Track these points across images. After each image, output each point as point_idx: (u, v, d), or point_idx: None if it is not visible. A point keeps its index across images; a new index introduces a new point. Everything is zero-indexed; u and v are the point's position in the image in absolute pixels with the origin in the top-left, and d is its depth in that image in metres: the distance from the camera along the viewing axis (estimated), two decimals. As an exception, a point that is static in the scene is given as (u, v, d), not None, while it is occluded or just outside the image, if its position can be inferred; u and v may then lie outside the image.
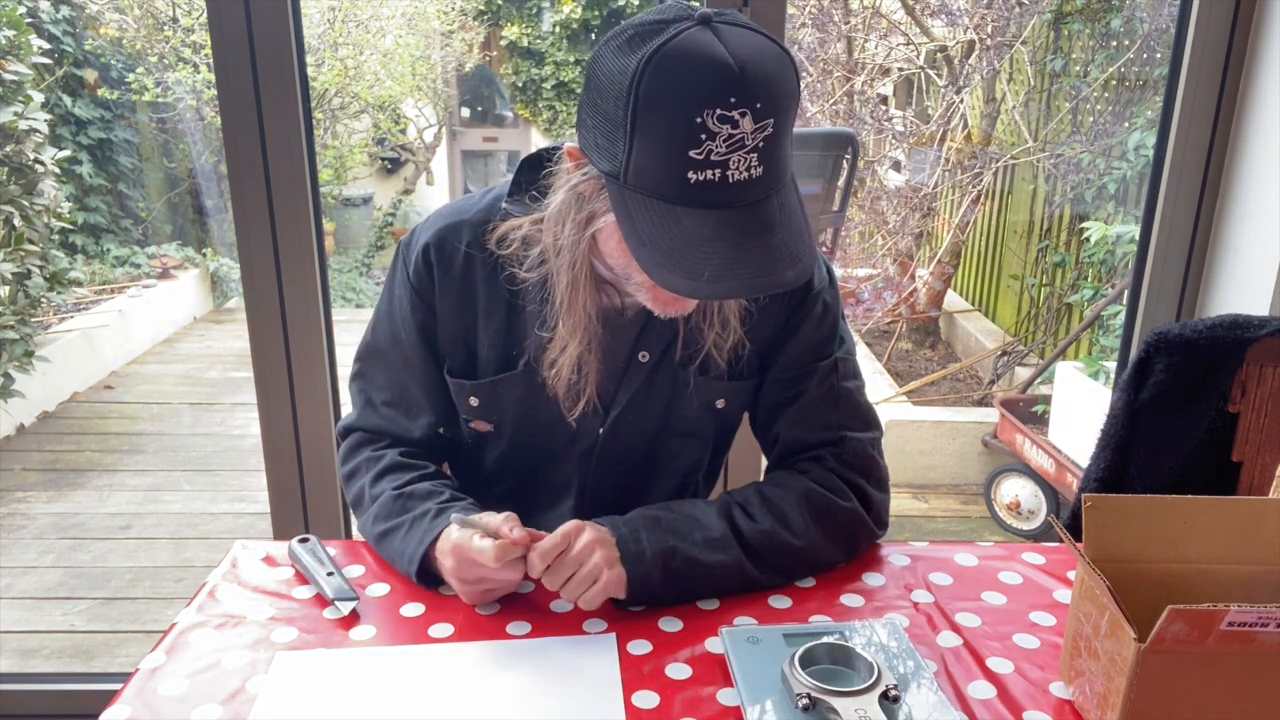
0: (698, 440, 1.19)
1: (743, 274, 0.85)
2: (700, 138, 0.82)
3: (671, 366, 1.11)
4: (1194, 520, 0.88)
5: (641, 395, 1.12)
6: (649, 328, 1.09)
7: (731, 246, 0.85)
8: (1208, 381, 1.33)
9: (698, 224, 0.85)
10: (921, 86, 4.67)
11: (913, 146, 4.52)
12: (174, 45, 5.39)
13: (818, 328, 1.12)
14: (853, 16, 4.46)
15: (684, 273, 0.85)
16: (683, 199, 0.85)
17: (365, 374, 1.18)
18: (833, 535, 1.08)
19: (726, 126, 0.82)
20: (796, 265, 0.87)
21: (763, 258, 0.86)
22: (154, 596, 2.85)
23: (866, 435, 1.14)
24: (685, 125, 0.82)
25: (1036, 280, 4.40)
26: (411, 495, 1.09)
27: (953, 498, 3.54)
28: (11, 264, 3.51)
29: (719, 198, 0.85)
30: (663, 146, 0.84)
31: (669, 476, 1.21)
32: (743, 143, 0.83)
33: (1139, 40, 3.81)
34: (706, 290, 0.86)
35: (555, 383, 1.07)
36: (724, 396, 1.15)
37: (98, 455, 3.82)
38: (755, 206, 0.87)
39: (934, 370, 4.41)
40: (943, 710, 0.85)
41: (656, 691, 0.88)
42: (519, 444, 1.17)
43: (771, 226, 0.87)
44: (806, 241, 0.90)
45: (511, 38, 7.22)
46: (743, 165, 0.84)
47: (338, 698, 0.88)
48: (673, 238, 0.86)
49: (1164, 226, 1.79)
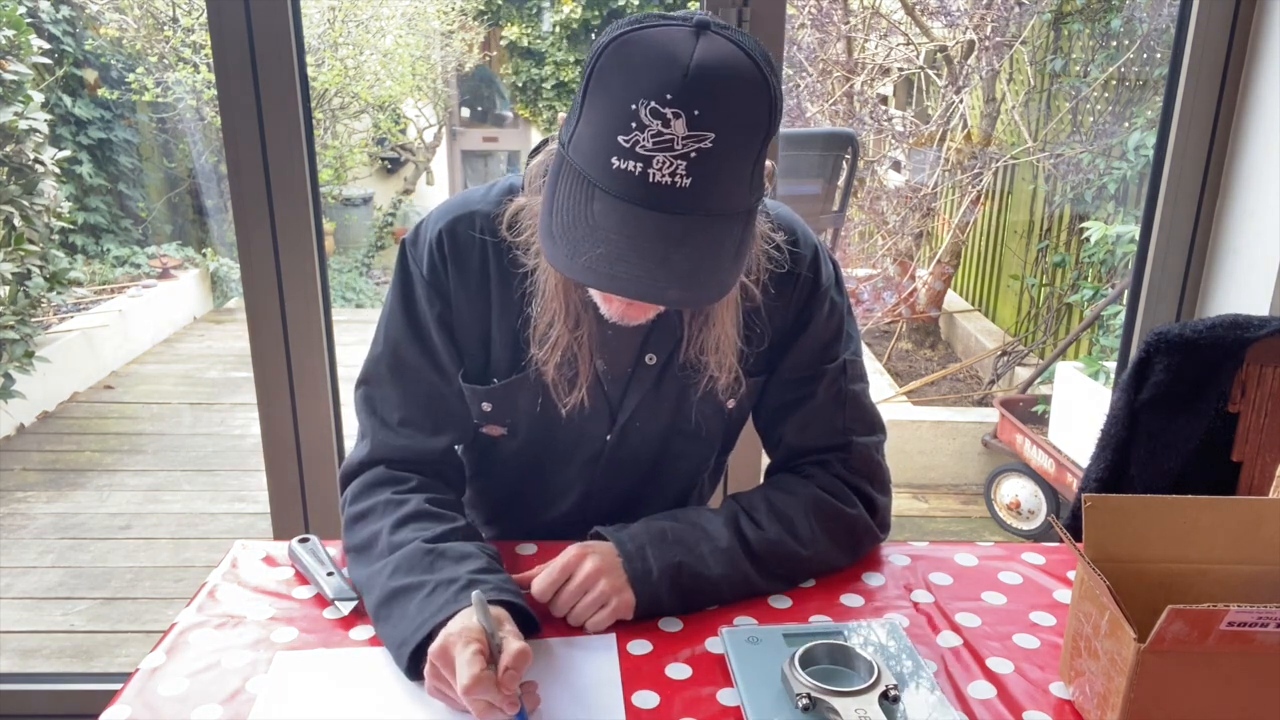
0: (705, 442, 1.18)
1: (623, 273, 0.82)
2: (630, 125, 0.81)
3: (679, 369, 1.09)
4: (1194, 520, 0.88)
5: (650, 399, 1.10)
6: (655, 329, 1.06)
7: (626, 242, 0.82)
8: (1208, 381, 1.33)
9: (605, 210, 0.83)
10: (921, 87, 4.67)
11: (913, 146, 4.52)
12: (174, 45, 5.39)
13: (825, 327, 1.10)
14: (852, 16, 4.46)
15: (568, 250, 0.84)
16: (600, 182, 0.83)
17: (374, 395, 1.09)
18: (839, 541, 1.08)
19: (657, 122, 0.80)
20: (690, 290, 0.84)
21: (654, 267, 0.82)
22: (154, 596, 2.85)
23: (872, 439, 1.13)
24: (621, 109, 0.81)
25: (1036, 280, 4.40)
26: (444, 555, 0.96)
27: (953, 498, 3.54)
28: (11, 264, 3.51)
29: (635, 193, 0.82)
30: (599, 125, 0.83)
31: (675, 478, 1.20)
32: (671, 145, 0.80)
33: (1139, 40, 3.81)
34: (579, 272, 0.84)
35: (544, 370, 1.03)
36: (733, 397, 1.13)
37: (98, 455, 3.82)
38: (672, 217, 0.82)
39: (934, 370, 4.41)
40: (943, 710, 0.85)
41: (656, 691, 0.88)
42: (530, 448, 1.15)
43: (680, 242, 0.83)
44: (719, 276, 0.85)
45: (511, 38, 7.22)
46: (666, 169, 0.81)
47: (338, 698, 0.88)
48: (577, 214, 0.84)
49: (1164, 226, 1.79)
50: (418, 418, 1.08)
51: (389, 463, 1.07)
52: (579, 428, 1.11)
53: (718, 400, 1.11)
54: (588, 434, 1.12)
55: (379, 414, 1.09)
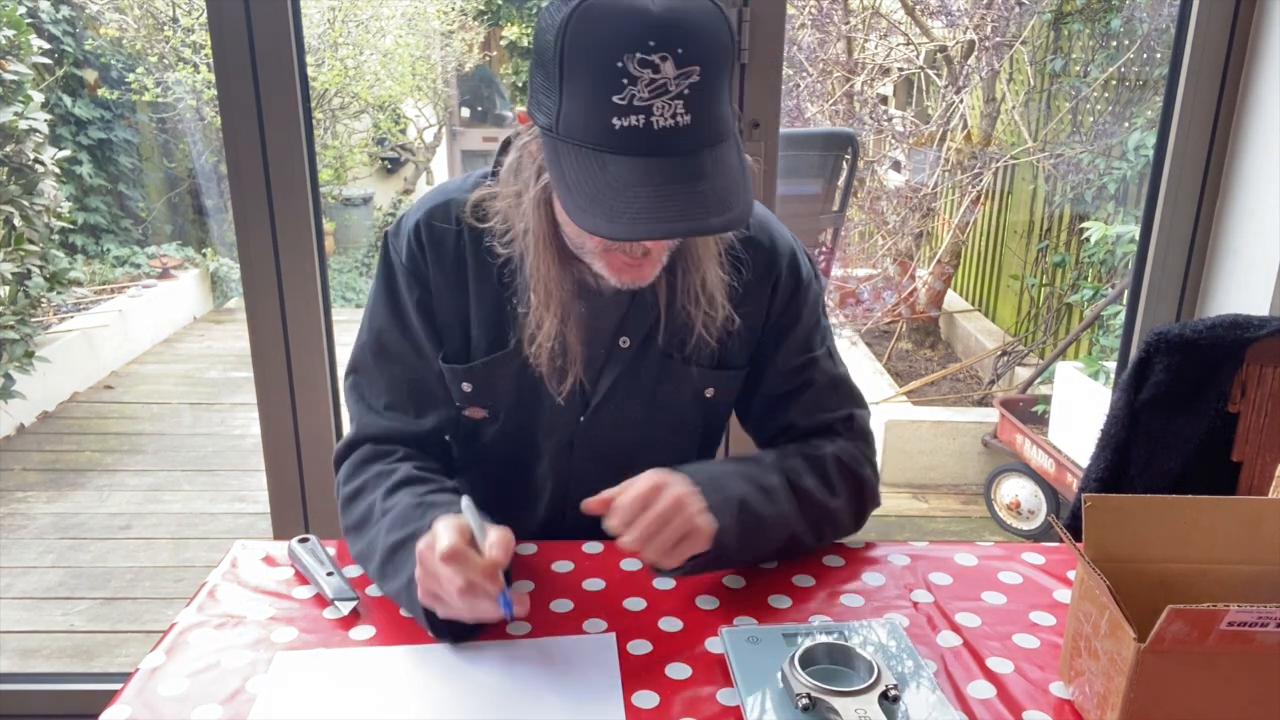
0: (684, 433, 1.18)
1: (665, 217, 0.85)
2: (622, 82, 0.83)
3: (656, 353, 1.11)
4: (1194, 520, 0.88)
5: (624, 383, 1.12)
6: (631, 313, 1.09)
7: (655, 191, 0.85)
8: (1208, 381, 1.33)
9: (623, 170, 0.86)
10: (921, 87, 4.67)
11: (913, 146, 4.52)
12: (174, 45, 5.39)
13: (810, 318, 1.16)
14: (853, 16, 4.46)
15: (605, 215, 0.86)
16: (609, 145, 0.86)
17: (361, 382, 1.13)
18: (853, 501, 1.12)
19: (648, 71, 0.83)
20: (727, 214, 0.87)
21: (688, 203, 0.86)
22: (154, 596, 2.86)
23: (865, 412, 1.19)
24: (607, 70, 0.83)
25: (1036, 280, 4.41)
26: (434, 505, 1.00)
27: (953, 498, 3.54)
28: (11, 264, 3.51)
29: (644, 144, 0.85)
30: (588, 93, 0.85)
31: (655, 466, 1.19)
32: (665, 88, 0.84)
33: (1139, 40, 3.81)
34: (626, 231, 0.86)
35: (538, 360, 1.06)
36: (713, 385, 1.15)
37: (98, 455, 3.82)
38: (685, 157, 0.87)
39: (934, 370, 4.41)
40: (942, 710, 0.85)
41: (656, 691, 0.88)
42: (509, 432, 1.16)
43: (701, 176, 0.87)
44: (742, 196, 0.89)
45: (511, 38, 7.22)
46: (667, 112, 0.84)
47: (338, 698, 0.88)
48: (597, 183, 0.86)
49: (1164, 226, 1.79)
50: (402, 402, 1.12)
51: (374, 440, 1.11)
52: (553, 411, 1.13)
53: (695, 386, 1.14)
54: (562, 417, 1.14)
55: (366, 399, 1.13)
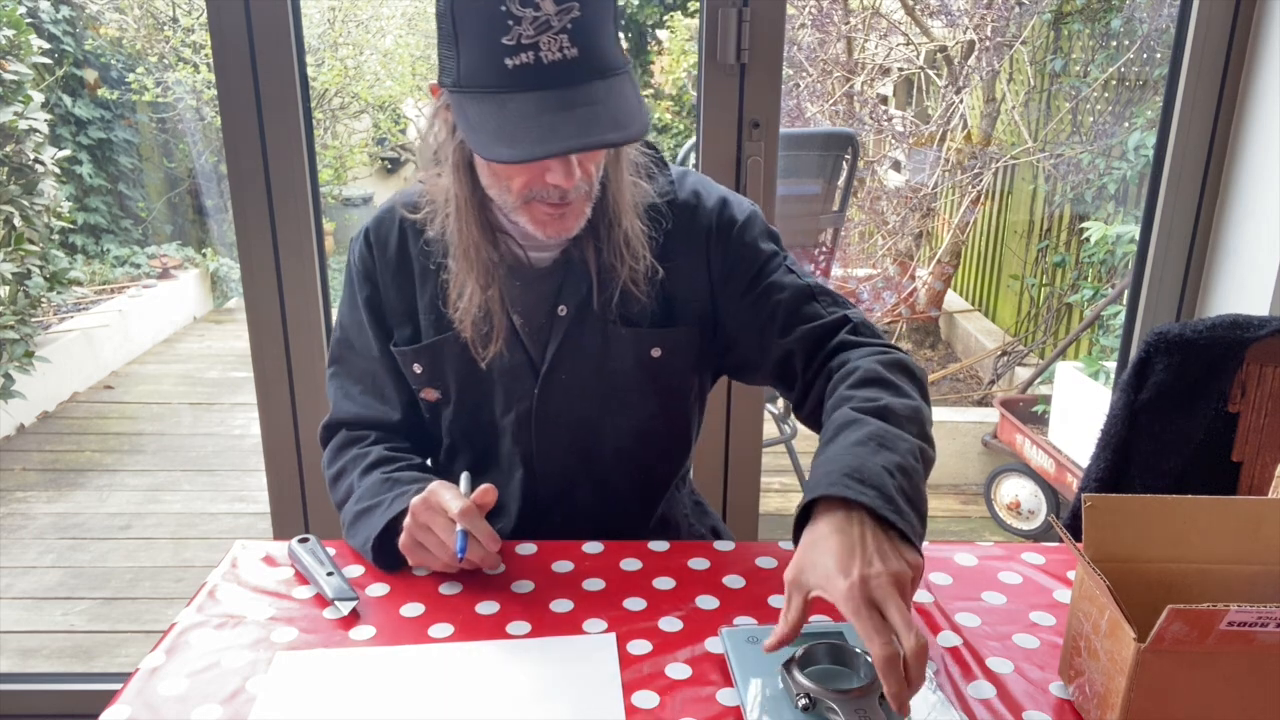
0: (639, 395, 1.17)
1: (564, 135, 0.91)
2: (508, 24, 0.90)
3: (595, 318, 1.12)
4: (1194, 520, 0.88)
5: (570, 350, 1.14)
6: (566, 282, 1.12)
7: (552, 117, 0.91)
8: (1208, 381, 1.33)
9: (521, 105, 0.92)
10: (921, 87, 4.67)
11: (913, 146, 4.52)
12: (174, 45, 5.39)
13: (755, 249, 1.14)
14: (853, 16, 4.46)
15: (507, 144, 0.92)
16: (505, 85, 0.92)
17: (339, 372, 1.24)
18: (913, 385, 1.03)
19: (529, 10, 0.90)
20: (622, 131, 0.93)
21: (585, 123, 0.92)
22: (154, 596, 2.85)
23: (858, 310, 1.14)
24: (493, 15, 0.90)
25: (1036, 280, 4.40)
26: (398, 480, 1.11)
27: (953, 498, 3.54)
28: (11, 264, 3.51)
29: (537, 79, 0.92)
30: (479, 41, 0.92)
31: (616, 437, 1.19)
32: (549, 24, 0.90)
33: (1139, 40, 3.81)
34: (527, 152, 0.91)
35: (463, 326, 1.11)
36: (657, 345, 1.15)
37: (98, 455, 3.82)
38: (577, 86, 0.93)
39: (934, 370, 4.41)
40: (943, 710, 0.85)
41: (656, 691, 0.88)
42: (466, 410, 1.19)
43: (595, 101, 0.93)
44: (638, 118, 0.95)
45: (511, 38, 7.21)
46: (554, 46, 0.91)
47: (338, 698, 0.88)
48: (499, 120, 0.93)
49: (1164, 226, 1.79)
50: (371, 390, 1.22)
51: (349, 425, 1.22)
52: (507, 386, 1.16)
53: (639, 348, 1.14)
54: (516, 391, 1.16)
55: (342, 388, 1.23)
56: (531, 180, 1.00)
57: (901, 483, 0.88)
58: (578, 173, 1.00)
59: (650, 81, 7.46)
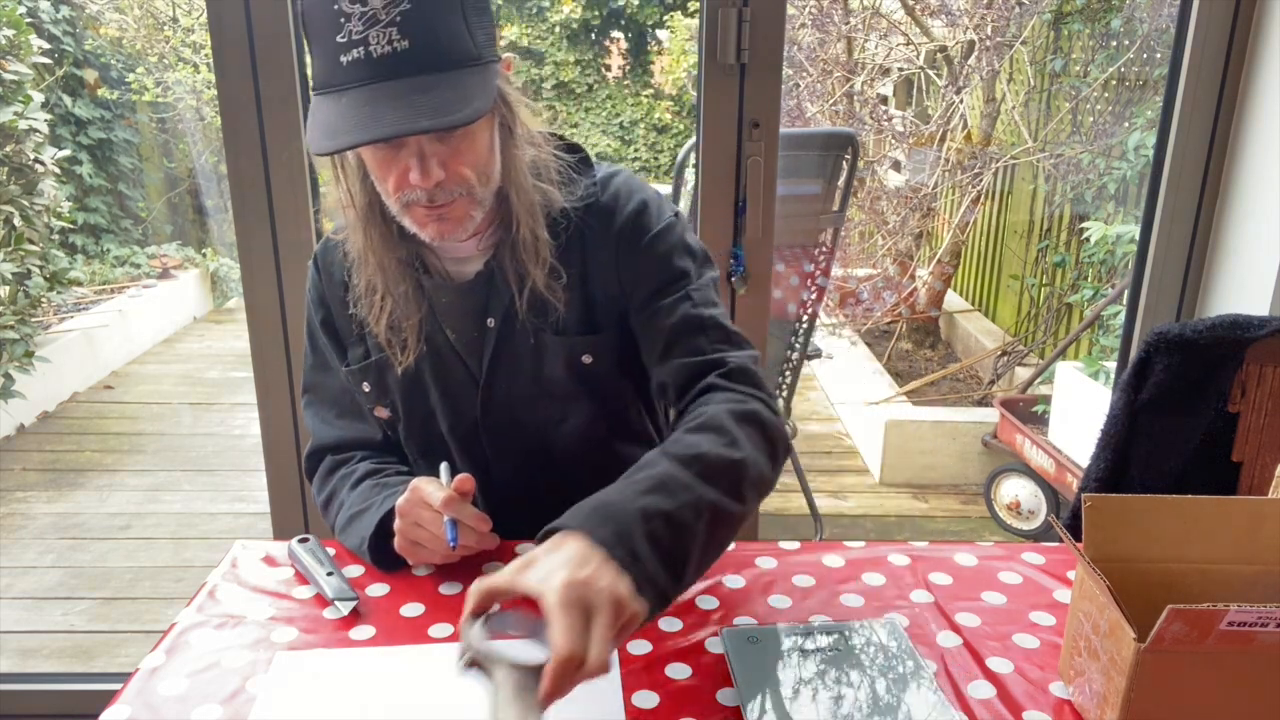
0: (577, 403, 1.16)
1: (379, 125, 0.91)
2: (340, 21, 0.91)
3: (523, 329, 1.12)
4: (1194, 520, 0.88)
5: (504, 361, 1.14)
6: (492, 294, 1.12)
7: (375, 108, 0.92)
8: (1208, 381, 1.33)
9: (352, 99, 0.93)
10: (921, 86, 4.67)
11: (913, 146, 4.51)
12: (174, 45, 5.39)
13: (660, 266, 1.11)
14: (853, 16, 4.46)
15: (328, 135, 0.93)
16: (342, 82, 0.94)
17: (314, 400, 1.26)
18: (761, 445, 0.98)
19: (358, 6, 0.91)
20: (440, 118, 0.92)
21: (405, 113, 0.91)
22: (154, 596, 2.86)
23: (744, 354, 1.09)
24: (327, 15, 0.92)
25: (1036, 280, 4.40)
26: (387, 484, 1.13)
27: (953, 498, 3.54)
28: (11, 264, 3.52)
29: (368, 72, 0.92)
30: (320, 42, 0.94)
31: (565, 442, 1.18)
32: (376, 18, 0.91)
33: (1139, 40, 3.81)
34: (337, 142, 0.92)
35: (375, 331, 1.13)
36: (586, 352, 1.14)
37: (98, 455, 3.82)
38: (410, 78, 0.93)
39: (934, 370, 4.41)
40: (942, 710, 0.85)
41: (656, 691, 0.88)
42: (417, 426, 1.20)
43: (423, 91, 0.92)
44: (473, 105, 0.94)
45: (511, 38, 7.22)
46: (383, 39, 0.91)
47: (338, 698, 0.88)
48: (332, 113, 0.94)
49: (1164, 226, 1.79)
50: (347, 414, 1.23)
51: (333, 449, 1.23)
52: (451, 400, 1.17)
53: (568, 355, 1.14)
54: (460, 404, 1.17)
55: (319, 415, 1.25)
56: (399, 183, 1.00)
57: (657, 530, 0.83)
58: (439, 173, 0.98)
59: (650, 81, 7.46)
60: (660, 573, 0.82)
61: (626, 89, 7.43)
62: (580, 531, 0.81)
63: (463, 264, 1.13)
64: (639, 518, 0.83)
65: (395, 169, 0.99)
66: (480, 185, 1.03)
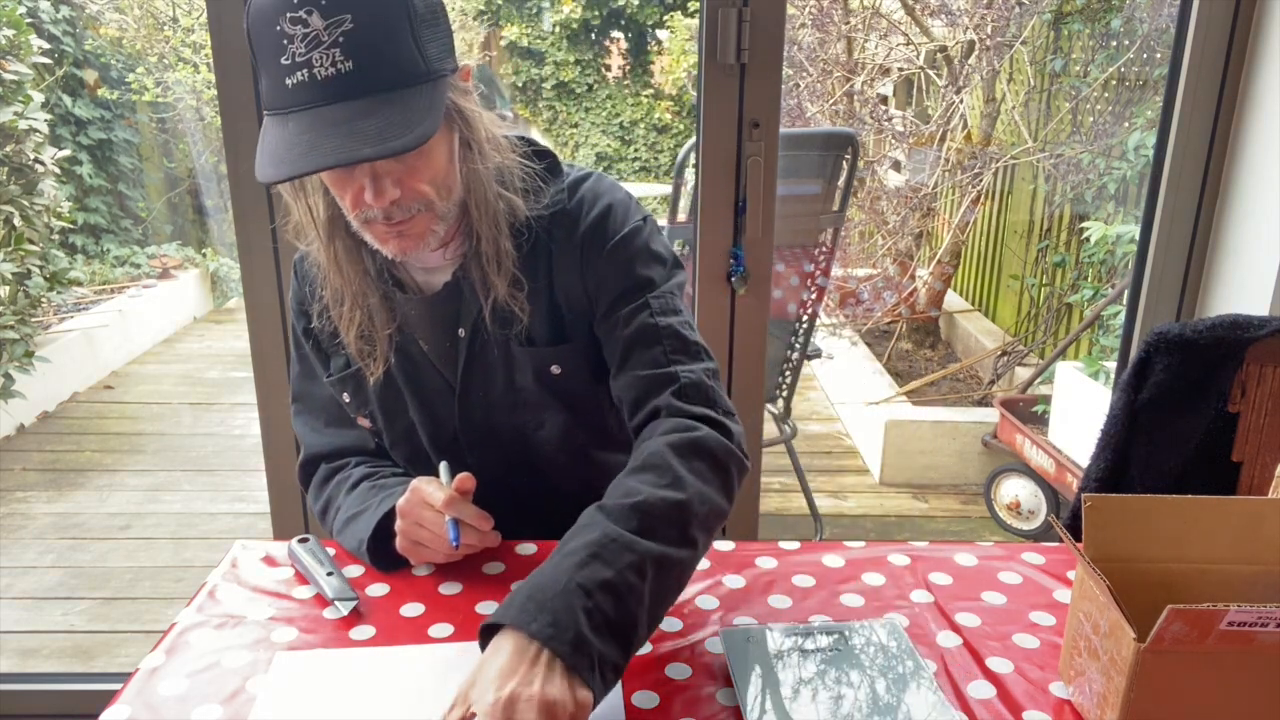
0: (552, 412, 1.15)
1: (321, 153, 0.89)
2: (283, 43, 0.90)
3: (492, 339, 1.11)
4: (1194, 520, 0.88)
5: (477, 371, 1.13)
6: (462, 305, 1.11)
7: (317, 135, 0.90)
8: (1208, 381, 1.33)
9: (297, 123, 0.91)
10: (921, 86, 4.66)
11: (913, 146, 4.51)
12: (174, 45, 5.39)
13: (623, 273, 1.09)
14: (853, 16, 4.46)
15: (272, 163, 0.91)
16: (287, 104, 0.92)
17: (303, 409, 1.25)
18: (705, 474, 0.96)
19: (299, 27, 0.89)
20: (383, 145, 0.89)
21: (346, 139, 0.89)
22: (154, 596, 2.86)
23: (699, 366, 1.07)
24: (271, 36, 0.90)
25: (1036, 280, 4.40)
26: (383, 486, 1.13)
27: (953, 498, 3.54)
28: (11, 264, 3.52)
29: (313, 95, 0.91)
30: (267, 64, 0.92)
31: (544, 449, 1.17)
32: (319, 40, 0.89)
33: (1139, 40, 3.81)
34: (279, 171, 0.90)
35: (346, 341, 1.12)
36: (555, 362, 1.13)
37: (98, 455, 3.82)
38: (355, 100, 0.91)
39: (934, 370, 4.41)
40: (942, 710, 0.85)
41: (656, 691, 0.88)
42: (398, 435, 1.20)
43: (368, 115, 0.90)
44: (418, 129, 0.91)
45: (511, 38, 7.22)
46: (326, 61, 0.89)
47: (338, 698, 0.88)
48: (278, 139, 0.92)
49: (1164, 226, 1.79)
50: (337, 421, 1.23)
51: (326, 458, 1.22)
52: (429, 410, 1.17)
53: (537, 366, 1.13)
54: (438, 414, 1.17)
55: (308, 423, 1.25)
56: (355, 200, 0.98)
57: (601, 604, 0.82)
58: (394, 191, 0.97)
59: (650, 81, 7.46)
60: (609, 648, 0.81)
61: (626, 89, 7.43)
62: (515, 627, 0.81)
63: (431, 274, 1.12)
64: (578, 595, 0.82)
65: (350, 188, 0.98)
66: (440, 199, 1.01)
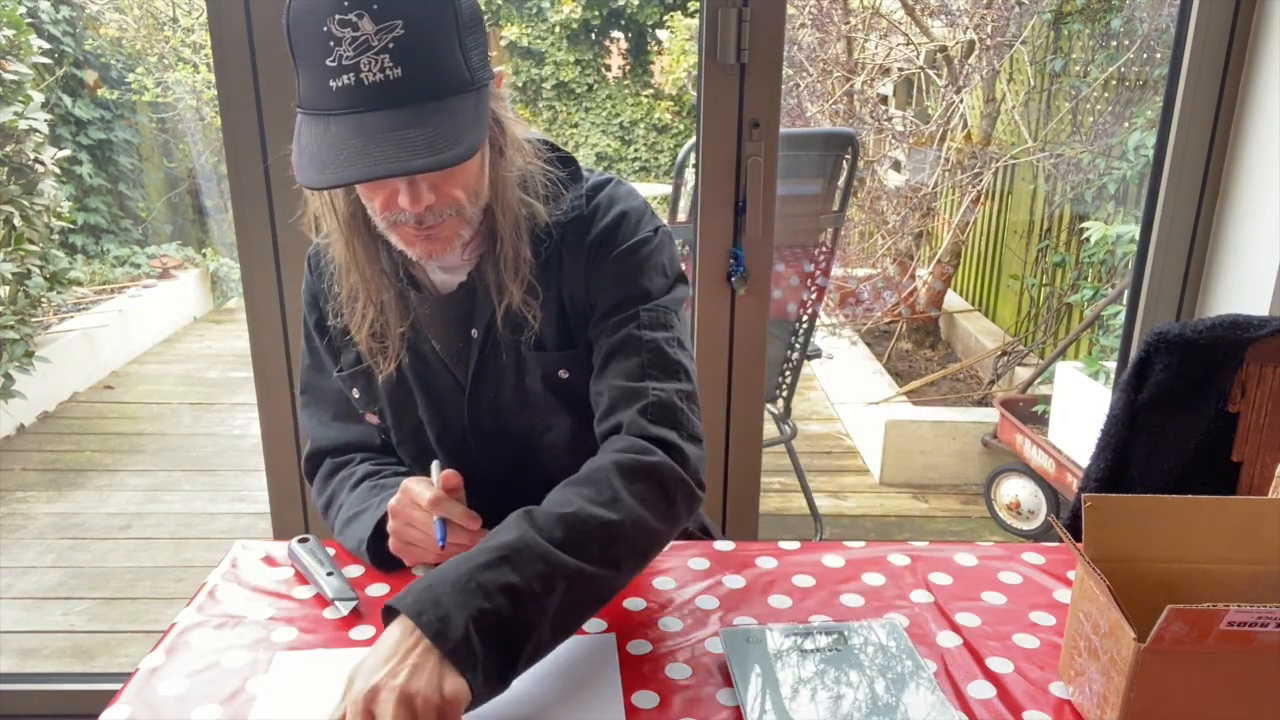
0: (558, 415, 1.16)
1: (371, 161, 0.88)
2: (330, 45, 0.88)
3: (503, 341, 1.11)
4: (1194, 520, 0.88)
5: (489, 372, 1.13)
6: (476, 306, 1.11)
7: (364, 141, 0.89)
8: (1208, 381, 1.33)
9: (341, 127, 0.90)
10: (921, 86, 4.66)
11: (913, 146, 4.51)
12: (174, 45, 5.39)
13: (624, 281, 1.09)
14: (853, 16, 4.46)
15: (317, 168, 0.89)
16: (330, 107, 0.90)
17: (310, 401, 1.25)
18: (649, 500, 0.96)
19: (348, 30, 0.87)
20: (435, 156, 0.89)
21: (396, 148, 0.88)
22: (154, 596, 2.85)
23: (671, 386, 1.05)
24: (317, 37, 0.88)
25: (1036, 280, 4.40)
26: (384, 486, 1.14)
27: (953, 498, 3.54)
28: (11, 264, 3.52)
29: (359, 100, 0.89)
30: (308, 63, 0.91)
31: (549, 451, 1.17)
32: (368, 44, 0.87)
33: (1139, 40, 3.81)
34: (331, 178, 0.89)
35: (358, 339, 1.12)
36: (563, 367, 1.13)
37: (98, 455, 3.82)
38: (401, 109, 0.89)
39: (934, 370, 4.41)
40: (942, 710, 0.85)
41: (656, 691, 0.88)
42: (405, 433, 1.20)
43: (416, 124, 0.89)
44: (466, 140, 0.91)
45: (511, 38, 7.22)
46: (375, 66, 0.88)
47: (338, 698, 0.88)
48: (320, 143, 0.90)
49: (1164, 226, 1.79)
50: (344, 415, 1.23)
51: (331, 452, 1.23)
52: (439, 408, 1.17)
53: (546, 370, 1.13)
54: (447, 412, 1.17)
55: (315, 416, 1.25)
56: (387, 203, 0.97)
57: (498, 608, 0.83)
58: (429, 197, 0.96)
59: (650, 81, 7.46)
60: (495, 651, 0.82)
61: (626, 89, 7.43)
62: (406, 614, 0.83)
63: (447, 273, 1.12)
64: (477, 594, 0.83)
65: (382, 191, 0.97)
66: (470, 205, 1.01)
